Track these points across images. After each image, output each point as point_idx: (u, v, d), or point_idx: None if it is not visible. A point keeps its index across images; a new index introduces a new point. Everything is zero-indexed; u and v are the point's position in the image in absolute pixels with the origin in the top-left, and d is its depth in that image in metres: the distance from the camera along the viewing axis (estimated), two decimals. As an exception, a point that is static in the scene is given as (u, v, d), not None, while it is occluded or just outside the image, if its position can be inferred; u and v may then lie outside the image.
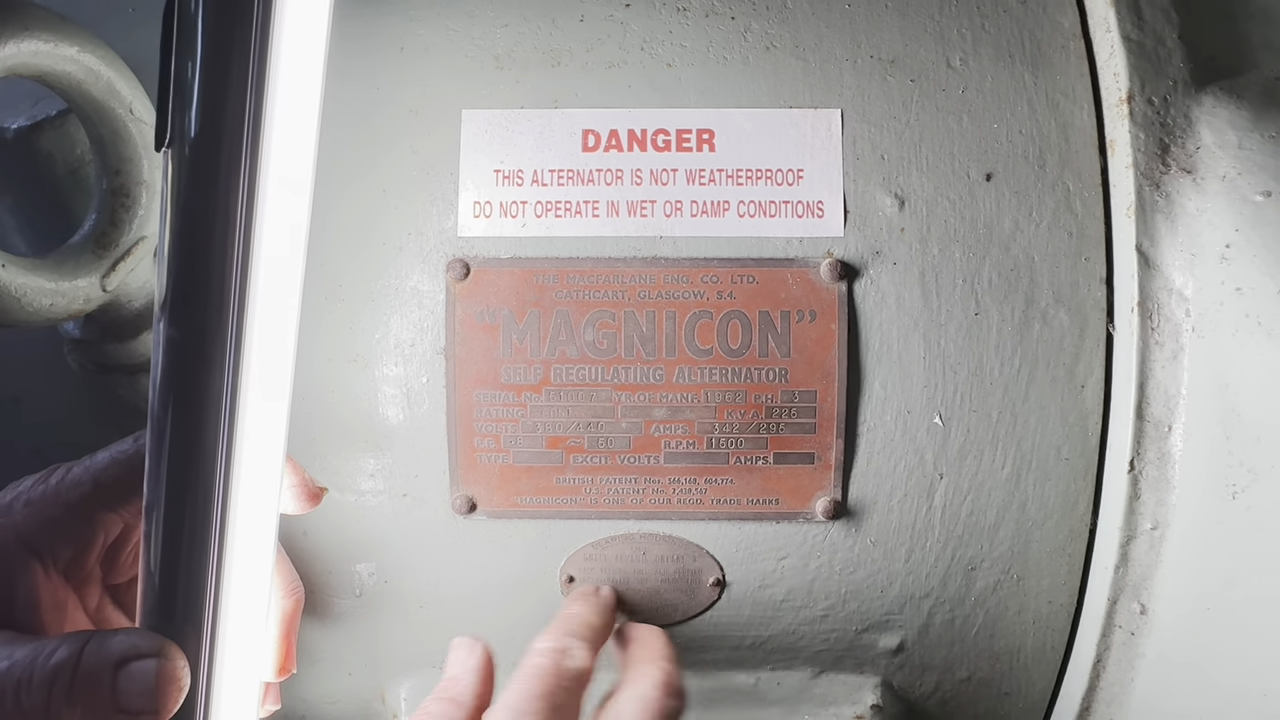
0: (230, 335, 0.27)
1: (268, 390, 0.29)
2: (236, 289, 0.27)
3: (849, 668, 0.43)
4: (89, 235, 0.32)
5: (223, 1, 0.26)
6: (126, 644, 0.28)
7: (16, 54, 0.27)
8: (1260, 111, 0.37)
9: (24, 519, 0.31)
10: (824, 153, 0.40)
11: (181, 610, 0.29)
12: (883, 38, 0.40)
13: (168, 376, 0.27)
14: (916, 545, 0.41)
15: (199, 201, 0.26)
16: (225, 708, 0.30)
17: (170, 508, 0.28)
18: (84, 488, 0.32)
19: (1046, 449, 0.39)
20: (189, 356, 0.27)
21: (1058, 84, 0.40)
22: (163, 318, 0.26)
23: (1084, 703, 0.41)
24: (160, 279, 0.26)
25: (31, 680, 0.28)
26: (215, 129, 0.26)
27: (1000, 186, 0.39)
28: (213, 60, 0.26)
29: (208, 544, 0.28)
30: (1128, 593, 0.39)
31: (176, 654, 0.28)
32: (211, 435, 0.27)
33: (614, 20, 0.41)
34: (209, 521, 0.28)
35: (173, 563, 0.28)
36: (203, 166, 0.26)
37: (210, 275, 0.26)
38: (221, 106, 0.26)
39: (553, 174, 0.40)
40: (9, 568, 0.31)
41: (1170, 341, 0.37)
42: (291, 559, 0.41)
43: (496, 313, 0.39)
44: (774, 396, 0.39)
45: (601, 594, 0.40)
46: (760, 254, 0.39)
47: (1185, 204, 0.37)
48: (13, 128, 0.35)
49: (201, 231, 0.26)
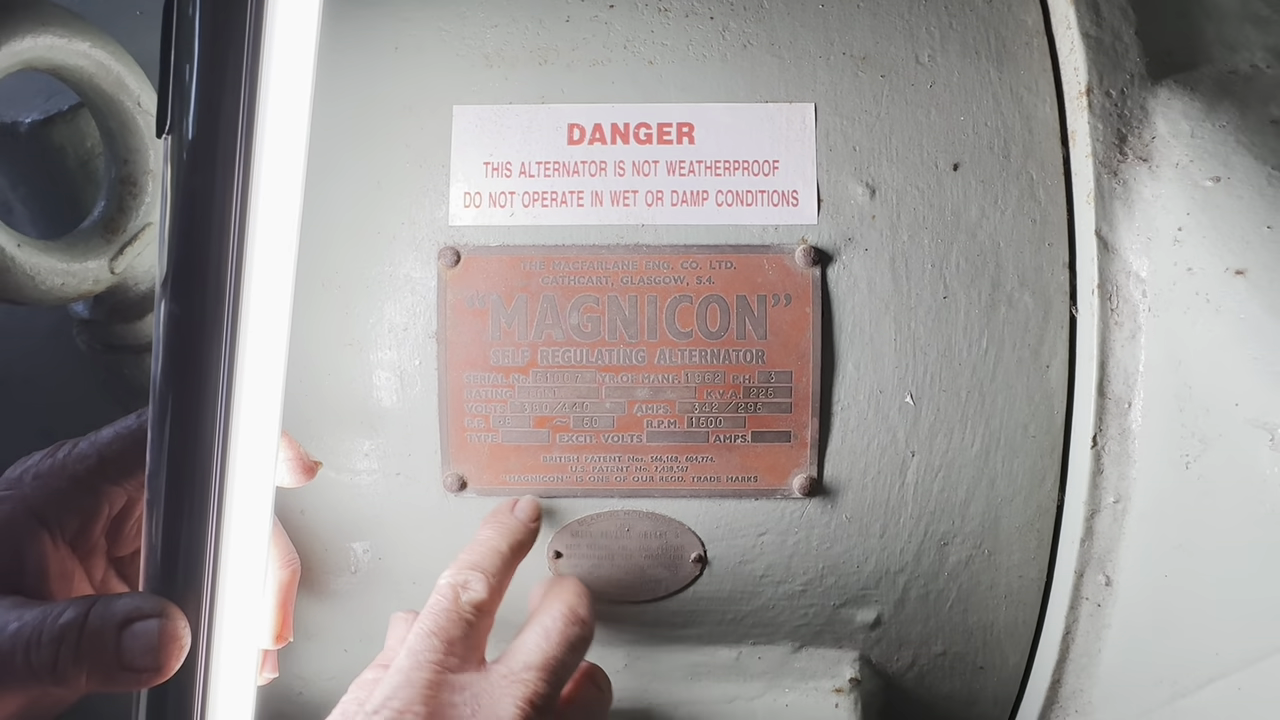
0: (227, 310, 0.28)
1: (263, 364, 0.31)
2: (233, 267, 0.28)
3: (828, 642, 0.44)
4: (98, 220, 0.34)
5: (218, 3, 0.28)
6: (130, 605, 0.30)
7: (33, 47, 0.29)
8: (1212, 103, 0.39)
9: (33, 491, 0.33)
10: (798, 144, 0.41)
11: (182, 575, 0.30)
12: (854, 35, 0.42)
13: (169, 349, 0.29)
14: (890, 521, 0.42)
15: (197, 184, 0.28)
16: (225, 670, 0.32)
17: (171, 476, 0.30)
18: (90, 461, 0.34)
19: (1014, 427, 0.41)
20: (189, 330, 0.28)
21: (1021, 78, 0.42)
22: (164, 294, 0.28)
23: (1055, 674, 0.43)
24: (161, 257, 0.28)
25: (41, 639, 0.29)
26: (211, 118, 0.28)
27: (967, 176, 0.41)
28: (209, 54, 0.28)
29: (207, 512, 0.30)
30: (1093, 565, 0.40)
31: (178, 615, 0.30)
32: (210, 405, 0.29)
33: (598, 20, 0.43)
34: (208, 490, 0.30)
35: (174, 529, 0.30)
36: (201, 152, 0.28)
37: (208, 253, 0.28)
38: (217, 97, 0.28)
39: (540, 166, 0.42)
40: (18, 537, 0.33)
41: (1128, 321, 0.38)
42: (290, 537, 0.42)
43: (486, 298, 0.41)
44: (751, 377, 0.41)
45: (518, 510, 0.40)
46: (738, 241, 0.41)
47: (1141, 190, 0.38)
48: (27, 122, 0.37)
49: (200, 212, 0.28)
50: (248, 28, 0.28)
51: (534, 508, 0.41)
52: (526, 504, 0.41)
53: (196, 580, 0.31)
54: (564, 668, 0.35)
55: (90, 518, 0.34)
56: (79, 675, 0.29)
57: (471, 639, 0.35)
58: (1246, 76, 0.40)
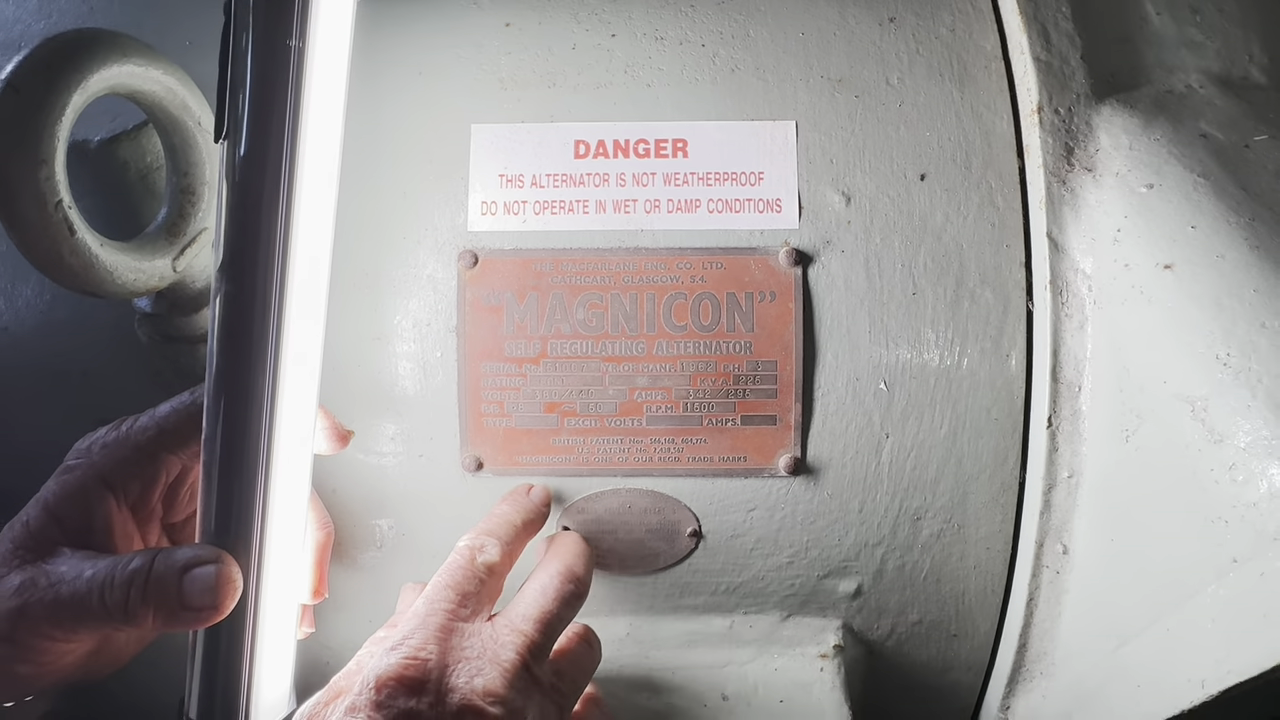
0: (274, 290, 0.33)
1: (304, 341, 0.35)
2: (279, 254, 0.33)
3: (813, 611, 0.48)
4: (162, 225, 0.39)
5: (266, 33, 0.32)
6: (191, 553, 0.34)
7: (118, 75, 0.33)
8: (1149, 119, 0.44)
9: (100, 458, 0.38)
10: (781, 158, 0.46)
11: (234, 529, 0.35)
12: (831, 60, 0.47)
13: (224, 325, 0.33)
14: (868, 497, 0.46)
15: (249, 181, 0.32)
16: (271, 614, 0.36)
17: (225, 440, 0.34)
18: (150, 432, 0.38)
19: (978, 410, 0.45)
20: (241, 308, 0.33)
21: (981, 98, 0.46)
22: (221, 278, 0.33)
23: (1021, 639, 0.47)
24: (218, 246, 0.33)
25: (114, 582, 0.34)
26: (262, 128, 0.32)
27: (933, 185, 0.46)
28: (259, 76, 0.32)
29: (255, 474, 0.34)
30: (1051, 535, 0.44)
31: (232, 561, 0.34)
32: (259, 376, 0.33)
33: (601, 48, 0.48)
34: (257, 454, 0.34)
35: (227, 488, 0.34)
36: (252, 158, 0.33)
37: (258, 242, 0.33)
38: (266, 113, 0.33)
39: (549, 178, 0.46)
40: (89, 500, 0.37)
41: (1077, 313, 0.43)
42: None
43: (501, 296, 0.45)
44: (740, 366, 0.45)
45: (532, 494, 0.45)
46: (727, 244, 0.46)
47: (1086, 197, 0.43)
48: (96, 140, 0.42)
49: (251, 206, 0.33)
50: (291, 56, 0.33)
51: (546, 493, 0.45)
52: (540, 490, 0.45)
53: (246, 534, 0.35)
54: (559, 621, 0.39)
55: (150, 484, 0.38)
56: (146, 614, 0.34)
57: (482, 596, 0.39)
58: (1181, 95, 0.45)
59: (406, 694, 0.34)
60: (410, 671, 0.34)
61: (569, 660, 0.40)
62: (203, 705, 0.35)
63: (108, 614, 0.34)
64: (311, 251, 0.35)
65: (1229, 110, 0.44)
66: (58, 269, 0.33)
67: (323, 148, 0.35)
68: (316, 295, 0.36)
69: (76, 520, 0.36)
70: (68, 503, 0.37)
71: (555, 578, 0.40)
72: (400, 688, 0.34)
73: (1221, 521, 0.34)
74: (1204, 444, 0.35)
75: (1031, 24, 0.45)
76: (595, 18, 0.48)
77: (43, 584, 0.34)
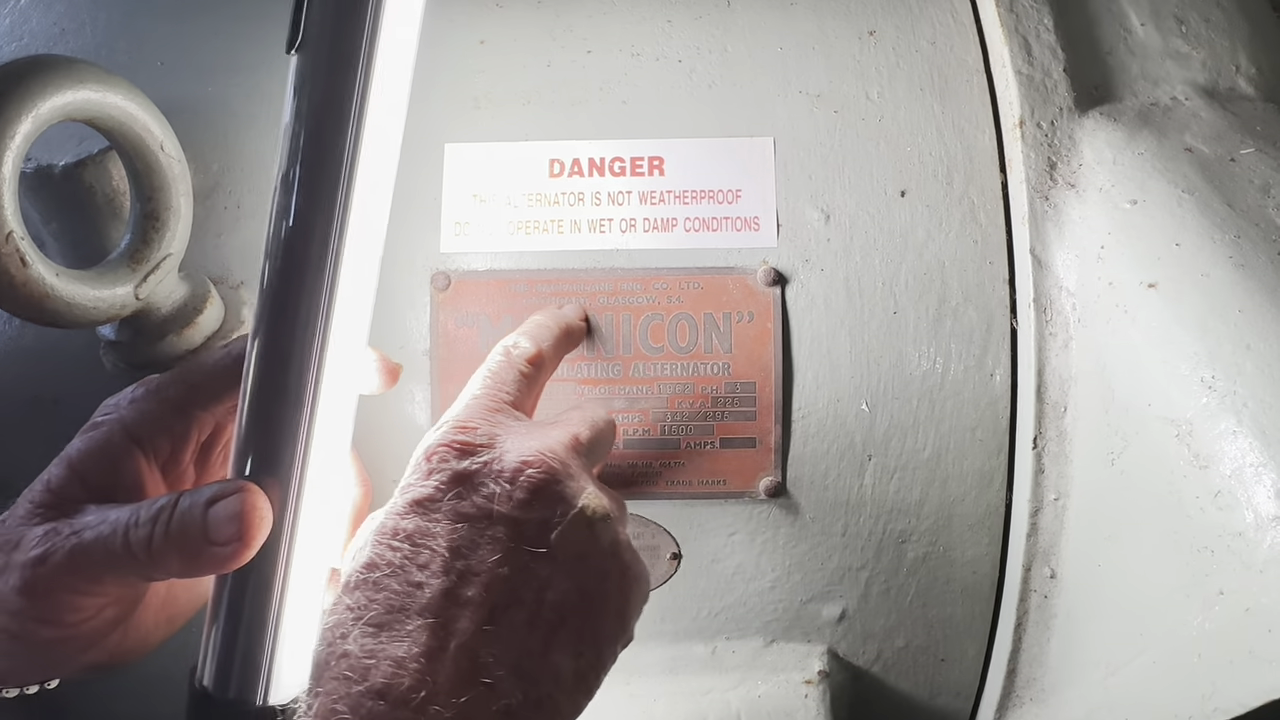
0: (338, 209, 0.31)
1: (361, 270, 0.33)
2: (347, 170, 0.31)
3: (797, 637, 0.47)
4: (125, 252, 0.38)
5: None
6: (215, 488, 0.32)
7: (73, 101, 0.33)
8: (1133, 133, 0.43)
9: (128, 413, 0.36)
10: (759, 175, 0.45)
11: (268, 464, 0.32)
12: (810, 75, 0.46)
13: (283, 236, 0.31)
14: (851, 520, 0.45)
15: (322, 95, 0.31)
16: (302, 568, 0.32)
17: (265, 367, 0.31)
18: (181, 386, 0.37)
19: (962, 431, 0.44)
20: (302, 217, 0.31)
21: (963, 112, 0.46)
22: (286, 194, 0.31)
23: (1010, 664, 0.46)
24: (281, 163, 0.31)
25: (138, 520, 0.32)
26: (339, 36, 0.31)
27: (914, 201, 0.45)
28: None
29: (297, 407, 0.31)
30: (1039, 559, 0.43)
31: (257, 490, 0.31)
32: (313, 298, 0.31)
33: (577, 65, 0.47)
34: (301, 385, 0.31)
35: (263, 420, 0.32)
36: (326, 67, 0.31)
37: (325, 162, 0.31)
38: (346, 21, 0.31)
39: (523, 197, 0.46)
40: (116, 455, 0.35)
41: (1061, 332, 0.42)
42: None
43: (475, 318, 0.45)
44: (718, 388, 0.44)
45: (564, 307, 0.44)
46: (704, 263, 0.45)
47: (1070, 213, 0.42)
48: (60, 164, 0.41)
49: (318, 121, 0.31)
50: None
51: (580, 307, 0.44)
52: (574, 307, 0.44)
53: (281, 469, 0.32)
54: (602, 439, 0.38)
55: (181, 442, 0.37)
56: (171, 554, 0.31)
57: (523, 388, 0.38)
58: (1166, 108, 0.44)
59: (458, 456, 0.33)
60: (460, 436, 0.34)
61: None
62: (219, 673, 0.32)
63: (132, 557, 0.32)
64: (373, 176, 0.33)
65: (1215, 123, 0.43)
66: (12, 300, 0.32)
67: (399, 61, 0.34)
68: (380, 222, 0.34)
69: (101, 477, 0.35)
70: (92, 459, 0.35)
71: (599, 409, 0.40)
72: (451, 452, 0.33)
73: (1207, 551, 0.33)
74: (1189, 469, 0.34)
75: (1013, 36, 0.45)
76: (571, 34, 0.47)
77: (65, 532, 0.33)
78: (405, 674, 0.29)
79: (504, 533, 0.32)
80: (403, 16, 0.34)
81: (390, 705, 0.28)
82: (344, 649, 0.30)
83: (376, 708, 0.28)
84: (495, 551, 0.32)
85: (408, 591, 0.31)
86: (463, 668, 0.29)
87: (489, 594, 0.31)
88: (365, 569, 0.31)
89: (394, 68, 0.34)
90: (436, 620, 0.30)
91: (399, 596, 0.31)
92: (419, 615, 0.30)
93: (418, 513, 0.32)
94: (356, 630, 0.30)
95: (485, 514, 0.32)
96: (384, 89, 0.33)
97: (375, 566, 0.31)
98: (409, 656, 0.29)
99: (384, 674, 0.29)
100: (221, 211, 0.46)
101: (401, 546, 0.31)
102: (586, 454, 0.36)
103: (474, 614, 0.30)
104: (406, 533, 0.32)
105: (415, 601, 0.30)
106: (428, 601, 0.30)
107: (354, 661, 0.29)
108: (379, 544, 0.32)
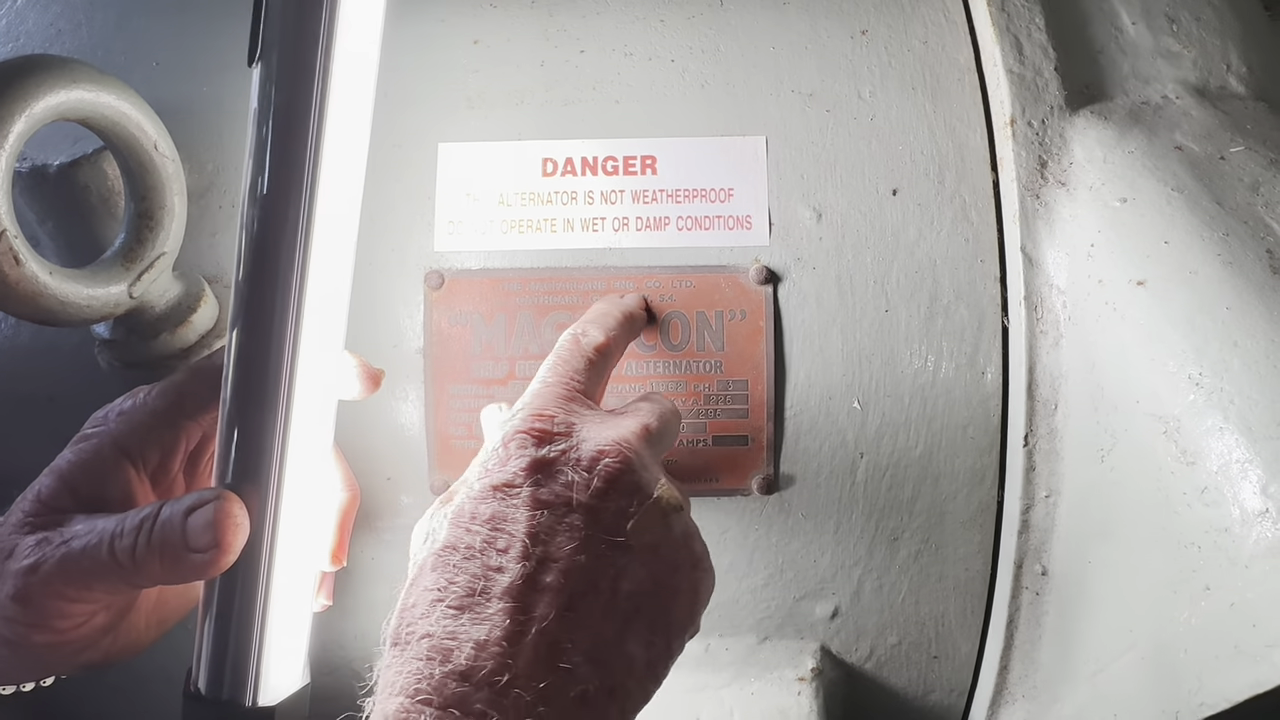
0: (303, 218, 0.32)
1: (332, 275, 0.34)
2: (309, 184, 0.33)
3: (790, 634, 0.47)
4: (119, 251, 0.38)
5: None
6: (194, 497, 0.33)
7: (66, 101, 0.33)
8: (1124, 131, 0.43)
9: (117, 425, 0.37)
10: (751, 174, 0.45)
11: (245, 471, 0.33)
12: (802, 74, 0.47)
13: (250, 255, 0.32)
14: (843, 518, 0.45)
15: (283, 106, 0.32)
16: (286, 573, 0.34)
17: (240, 375, 0.33)
18: (168, 397, 0.37)
19: (954, 429, 0.44)
20: (269, 233, 0.32)
21: (954, 111, 0.46)
22: (252, 205, 0.32)
23: (1002, 661, 0.46)
24: (246, 174, 0.32)
25: (123, 530, 0.33)
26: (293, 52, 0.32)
27: (905, 200, 0.45)
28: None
29: (272, 412, 0.33)
30: (1030, 556, 0.44)
31: (233, 497, 0.33)
32: (282, 306, 0.32)
33: (569, 64, 0.47)
34: (275, 391, 0.33)
35: (239, 429, 0.33)
36: (286, 75, 0.32)
37: (289, 170, 0.32)
38: (299, 34, 0.32)
39: (516, 196, 0.46)
40: (105, 468, 0.36)
41: (1052, 330, 0.42)
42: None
43: (468, 316, 0.45)
44: (711, 386, 0.45)
45: (625, 296, 0.44)
46: (697, 262, 0.45)
47: (1061, 211, 0.42)
48: (55, 164, 0.41)
49: (282, 130, 0.32)
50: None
51: (640, 296, 0.44)
52: (635, 296, 0.44)
53: (258, 476, 0.33)
54: (669, 429, 0.38)
55: (169, 452, 0.38)
56: (153, 562, 0.33)
57: (592, 376, 0.38)
58: (1156, 107, 0.44)
59: (536, 444, 0.33)
60: (538, 423, 0.34)
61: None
62: (211, 676, 0.33)
63: (118, 565, 0.33)
64: (341, 184, 0.34)
65: (1205, 121, 0.43)
66: (6, 299, 0.33)
67: (356, 71, 0.35)
68: (348, 228, 0.35)
69: (91, 489, 0.36)
70: (82, 471, 0.36)
71: (667, 402, 0.40)
72: (529, 438, 0.33)
73: (1194, 546, 0.33)
74: (1176, 466, 0.34)
75: (1004, 35, 0.45)
76: (564, 34, 0.48)
77: (55, 541, 0.34)
78: (488, 657, 0.28)
79: (581, 520, 0.32)
80: (360, 24, 0.34)
81: (473, 687, 0.28)
82: (426, 629, 0.29)
83: (461, 689, 0.28)
84: (573, 539, 0.31)
85: (488, 575, 0.30)
86: (542, 653, 0.29)
87: (567, 581, 0.31)
88: (444, 551, 0.31)
89: (353, 74, 0.34)
90: (517, 604, 0.30)
91: (479, 580, 0.30)
92: (499, 599, 0.30)
93: (497, 498, 0.32)
94: (438, 611, 0.30)
95: (564, 501, 0.32)
96: (343, 95, 0.33)
97: (454, 549, 0.31)
98: (491, 640, 0.29)
99: (467, 656, 0.28)
100: (216, 210, 0.46)
101: (481, 530, 0.31)
102: (656, 444, 0.36)
103: (553, 600, 0.30)
104: (486, 517, 0.32)
105: (495, 585, 0.30)
106: (508, 585, 0.30)
107: (436, 642, 0.29)
108: (456, 527, 0.32)
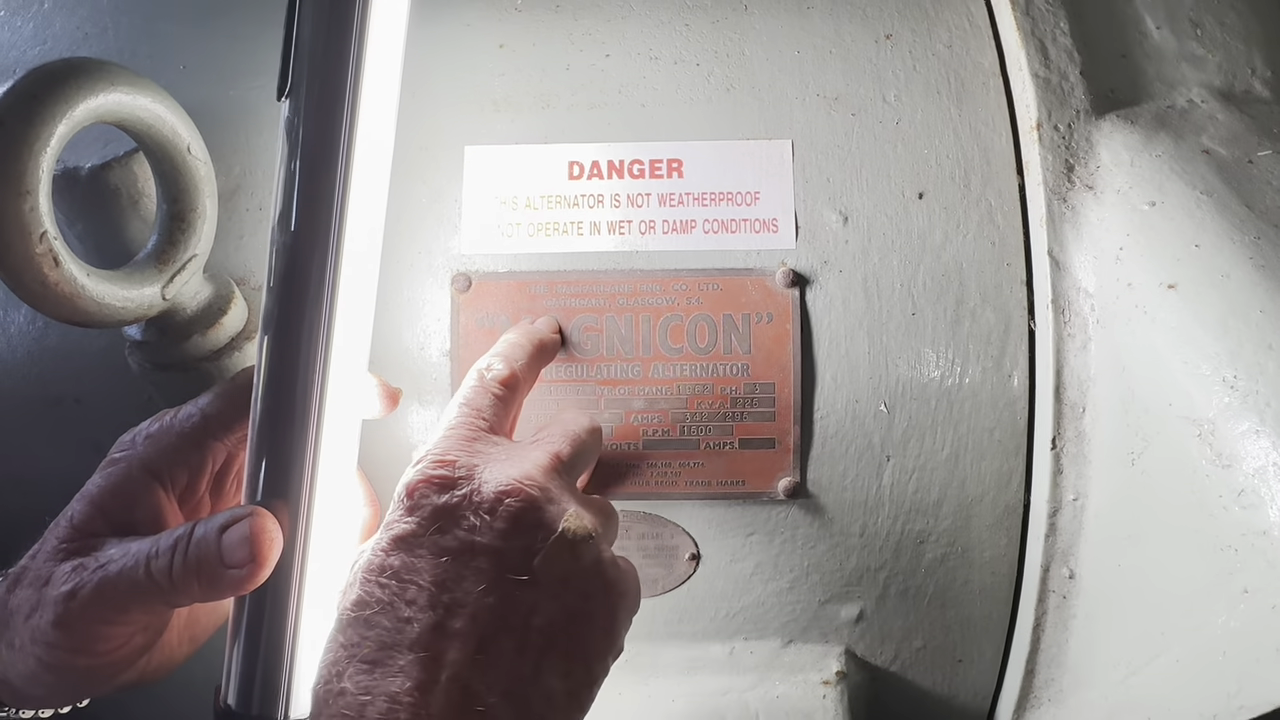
0: (332, 239, 0.33)
1: (355, 298, 0.35)
2: (339, 203, 0.33)
3: (815, 637, 0.47)
4: (151, 253, 0.38)
5: None
6: (227, 515, 0.34)
7: (104, 103, 0.33)
8: (1150, 135, 0.43)
9: (145, 449, 0.37)
10: (777, 177, 0.46)
11: (277, 489, 0.34)
12: (827, 78, 0.47)
13: (282, 271, 0.33)
14: (869, 521, 0.45)
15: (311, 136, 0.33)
16: (317, 592, 0.35)
17: (271, 396, 0.33)
18: (194, 419, 0.38)
19: (980, 432, 0.44)
20: (298, 254, 0.33)
21: (979, 115, 0.46)
22: (283, 234, 0.33)
23: (1028, 665, 0.46)
24: (276, 199, 0.33)
25: (158, 551, 0.33)
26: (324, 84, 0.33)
27: (931, 204, 0.45)
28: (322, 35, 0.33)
29: (303, 431, 0.34)
30: (1057, 560, 0.44)
31: (266, 514, 0.33)
32: (313, 325, 0.33)
33: (595, 68, 0.47)
34: (305, 410, 0.33)
35: (271, 448, 0.34)
36: (314, 111, 0.33)
37: (319, 192, 0.33)
38: (329, 69, 0.33)
39: (543, 199, 0.46)
40: (134, 491, 0.36)
41: (1080, 333, 0.42)
42: None
43: (495, 319, 0.45)
44: (738, 389, 0.45)
45: (537, 321, 0.44)
46: (723, 265, 0.45)
47: (1088, 214, 0.42)
48: (87, 167, 0.41)
49: (310, 160, 0.33)
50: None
51: (552, 320, 0.45)
52: (546, 319, 0.45)
53: (290, 493, 0.34)
54: (585, 449, 0.38)
55: (197, 472, 0.38)
56: (191, 580, 0.33)
57: (499, 411, 0.38)
58: (1182, 111, 0.44)
59: (438, 492, 0.33)
60: (439, 470, 0.34)
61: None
62: (241, 691, 0.34)
63: (155, 586, 0.33)
64: (369, 212, 0.35)
65: (1231, 125, 0.43)
66: (43, 300, 0.33)
67: (382, 99, 0.35)
68: (373, 248, 0.36)
69: (122, 513, 0.36)
70: (112, 495, 0.36)
71: (581, 419, 0.40)
72: (430, 487, 0.33)
73: (1231, 549, 0.33)
74: (1211, 468, 0.34)
75: (1030, 40, 0.45)
76: (589, 38, 0.48)
77: (91, 566, 0.34)
78: (400, 708, 0.29)
79: (487, 563, 0.33)
80: (385, 58, 0.35)
81: None
82: (340, 687, 0.30)
83: None
84: (480, 582, 0.32)
85: (398, 627, 0.31)
86: (455, 699, 0.30)
87: (476, 624, 0.32)
88: (355, 607, 0.32)
89: (380, 97, 0.35)
90: (427, 654, 0.31)
91: (389, 633, 0.31)
92: (410, 650, 0.31)
93: (402, 549, 0.33)
94: (351, 668, 0.31)
95: (468, 547, 0.33)
96: (371, 121, 0.34)
97: (365, 604, 0.32)
98: (403, 691, 0.30)
99: (380, 710, 0.29)
100: (244, 213, 0.47)
101: (389, 584, 0.32)
102: (568, 470, 0.37)
103: (463, 645, 0.31)
104: (393, 569, 0.32)
105: (405, 637, 0.31)
106: (417, 636, 0.31)
107: (350, 699, 0.30)
108: (367, 581, 0.32)
